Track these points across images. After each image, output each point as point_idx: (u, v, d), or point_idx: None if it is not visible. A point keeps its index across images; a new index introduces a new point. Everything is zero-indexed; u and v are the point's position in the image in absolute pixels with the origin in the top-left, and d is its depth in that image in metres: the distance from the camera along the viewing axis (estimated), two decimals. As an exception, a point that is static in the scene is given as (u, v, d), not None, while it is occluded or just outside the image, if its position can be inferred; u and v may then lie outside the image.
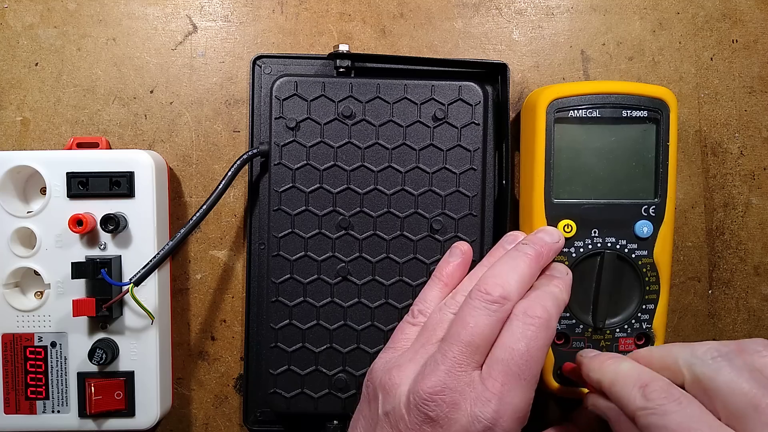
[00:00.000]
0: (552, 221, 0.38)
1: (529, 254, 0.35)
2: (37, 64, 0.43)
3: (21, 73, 0.43)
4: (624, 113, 0.38)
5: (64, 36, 0.43)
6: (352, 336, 0.40)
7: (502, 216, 0.41)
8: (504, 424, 0.30)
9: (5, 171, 0.39)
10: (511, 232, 0.39)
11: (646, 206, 0.39)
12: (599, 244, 0.39)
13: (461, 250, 0.39)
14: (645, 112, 0.39)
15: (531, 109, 0.39)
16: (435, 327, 0.34)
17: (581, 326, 0.39)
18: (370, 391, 0.34)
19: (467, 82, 0.40)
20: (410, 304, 0.40)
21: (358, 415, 0.35)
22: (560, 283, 0.35)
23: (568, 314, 0.39)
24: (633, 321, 0.39)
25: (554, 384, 0.39)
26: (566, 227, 0.38)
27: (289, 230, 0.40)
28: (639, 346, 0.39)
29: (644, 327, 0.39)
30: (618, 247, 0.39)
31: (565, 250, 0.38)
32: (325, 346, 0.40)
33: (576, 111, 0.38)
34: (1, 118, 0.43)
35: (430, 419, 0.30)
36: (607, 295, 0.38)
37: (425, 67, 0.43)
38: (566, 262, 0.39)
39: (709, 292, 0.44)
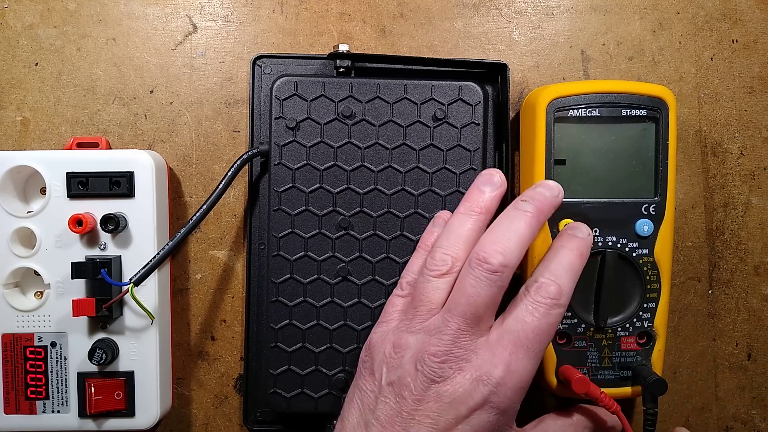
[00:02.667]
0: (552, 221, 0.38)
1: (528, 213, 0.33)
2: (37, 64, 0.43)
3: (21, 73, 0.43)
4: (623, 112, 0.39)
5: (64, 36, 0.43)
6: (352, 336, 0.40)
7: (502, 216, 0.41)
8: (507, 392, 0.31)
9: (5, 171, 0.39)
10: (486, 171, 0.37)
11: (646, 205, 0.39)
12: (600, 243, 0.39)
13: (444, 219, 0.39)
14: (644, 110, 0.39)
15: (531, 109, 0.39)
16: (422, 294, 0.34)
17: (583, 326, 0.39)
18: (369, 365, 0.34)
19: (467, 82, 0.40)
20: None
21: (353, 390, 0.35)
22: (578, 247, 0.34)
23: (569, 313, 0.39)
24: (634, 320, 0.39)
25: (554, 382, 0.39)
26: None
27: (289, 230, 0.40)
28: (641, 345, 0.39)
29: (645, 326, 0.39)
30: (619, 246, 0.39)
31: None
32: (325, 346, 0.40)
33: (576, 110, 0.39)
34: (1, 118, 0.43)
35: (435, 384, 0.31)
36: (608, 294, 0.38)
37: (425, 67, 0.43)
38: None
39: (709, 292, 0.44)
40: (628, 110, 0.39)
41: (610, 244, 0.39)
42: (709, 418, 0.44)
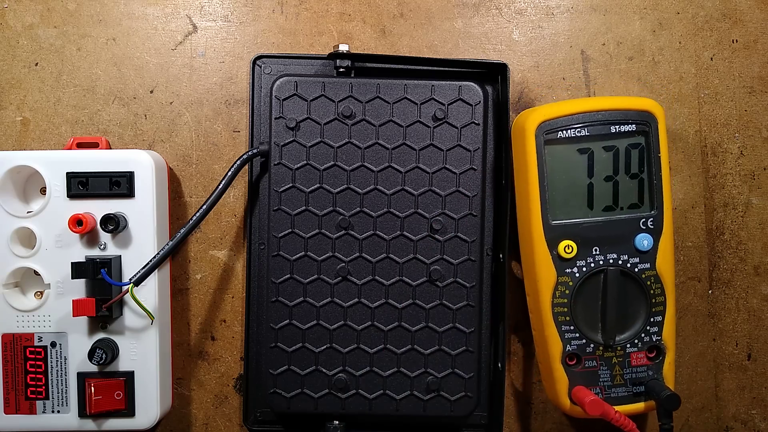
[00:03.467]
0: (552, 243, 0.38)
1: None
2: (37, 64, 0.43)
3: (21, 73, 0.43)
4: (612, 129, 0.38)
5: (64, 36, 0.43)
6: (352, 336, 0.40)
7: (502, 216, 0.41)
8: None
9: (5, 171, 0.39)
10: None
11: (644, 219, 0.39)
12: (601, 262, 0.38)
13: None
14: (633, 125, 0.38)
15: (520, 133, 0.39)
16: None
17: (592, 345, 0.39)
18: None
19: (467, 82, 0.40)
20: (410, 304, 0.40)
21: None
22: None
23: (577, 334, 0.38)
24: (642, 335, 0.39)
25: (567, 403, 0.39)
26: (567, 248, 0.38)
27: (289, 230, 0.40)
28: (651, 359, 0.39)
29: (654, 339, 0.39)
30: (620, 262, 0.38)
31: (567, 270, 0.38)
32: (325, 346, 0.40)
33: (565, 131, 0.38)
34: (1, 118, 0.43)
35: None
36: (614, 312, 0.38)
37: (425, 67, 0.43)
38: (570, 283, 0.38)
39: (709, 292, 0.44)
40: (617, 126, 0.38)
41: (611, 261, 0.38)
42: (709, 418, 0.44)
